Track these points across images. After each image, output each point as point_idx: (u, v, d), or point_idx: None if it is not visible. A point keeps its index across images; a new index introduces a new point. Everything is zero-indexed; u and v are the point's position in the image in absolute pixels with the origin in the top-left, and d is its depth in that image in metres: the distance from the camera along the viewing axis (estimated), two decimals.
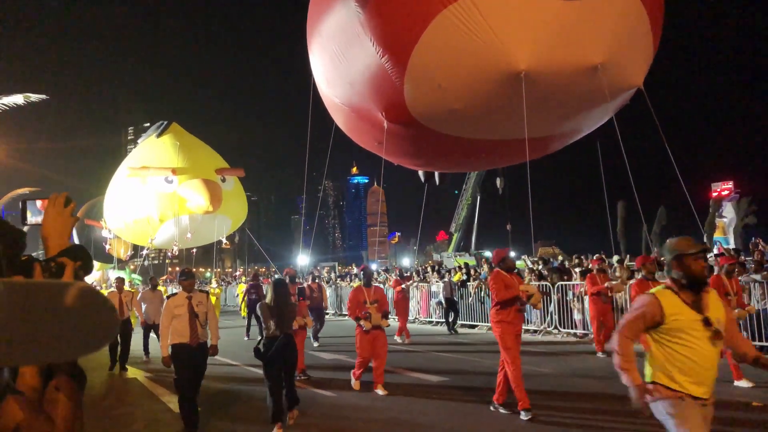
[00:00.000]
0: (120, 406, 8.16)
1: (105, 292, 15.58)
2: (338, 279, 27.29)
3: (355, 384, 8.11)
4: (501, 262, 6.95)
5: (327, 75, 10.58)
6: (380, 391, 7.77)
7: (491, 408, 6.71)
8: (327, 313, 19.98)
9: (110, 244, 27.08)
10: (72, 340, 0.89)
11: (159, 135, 19.30)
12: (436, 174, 14.03)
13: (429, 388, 8.25)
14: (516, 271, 7.28)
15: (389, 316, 8.50)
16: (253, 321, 14.76)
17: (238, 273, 41.58)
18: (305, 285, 12.04)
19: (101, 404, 8.09)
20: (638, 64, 8.89)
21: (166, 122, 19.92)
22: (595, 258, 13.39)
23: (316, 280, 15.68)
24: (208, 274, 58.34)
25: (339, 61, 9.69)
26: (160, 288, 17.79)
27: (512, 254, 10.40)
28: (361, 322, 7.86)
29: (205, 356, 6.54)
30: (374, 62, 8.87)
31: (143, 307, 12.18)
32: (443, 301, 15.97)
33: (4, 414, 1.20)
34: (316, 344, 12.93)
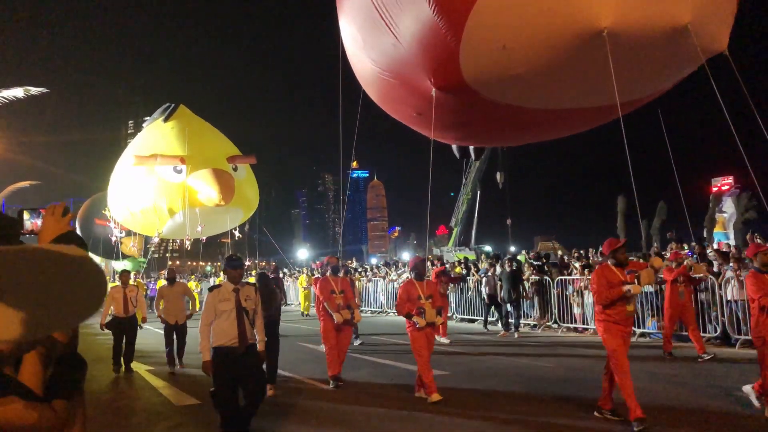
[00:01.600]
0: (120, 398, 8.18)
1: (108, 287, 15.06)
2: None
3: (432, 396, 6.92)
4: (612, 253, 5.99)
5: (363, 35, 9.33)
6: (423, 395, 7.07)
7: (596, 413, 6.01)
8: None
9: (122, 242, 26.68)
10: (67, 307, 0.89)
11: (166, 119, 17.87)
12: (471, 149, 12.80)
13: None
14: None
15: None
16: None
17: (247, 263, 41.29)
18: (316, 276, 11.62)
19: (101, 397, 8.11)
20: (722, 27, 7.91)
21: (172, 105, 18.44)
22: (673, 250, 12.24)
23: (348, 274, 14.57)
24: (208, 268, 58.43)
25: (380, 19, 8.55)
26: (182, 281, 16.63)
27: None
28: (415, 319, 7.10)
29: (257, 362, 5.53)
30: (426, 19, 7.82)
31: (160, 305, 10.50)
32: (486, 298, 14.81)
33: (5, 411, 1.21)
34: (358, 342, 12.04)
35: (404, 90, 9.49)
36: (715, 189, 43.57)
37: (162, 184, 16.26)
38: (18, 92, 22.47)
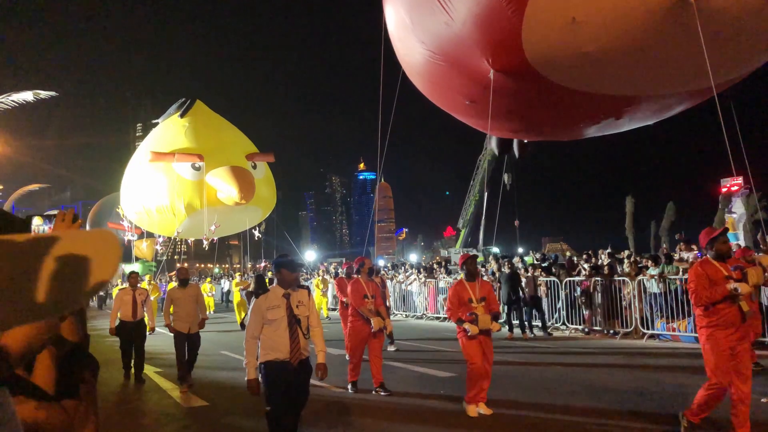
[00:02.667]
0: (129, 400, 8.21)
1: (116, 290, 14.77)
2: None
3: (470, 409, 6.31)
4: (710, 244, 5.07)
5: (413, 16, 8.41)
6: (483, 410, 6.31)
7: (680, 417, 5.26)
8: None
9: (136, 246, 26.61)
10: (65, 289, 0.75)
11: (182, 115, 17.13)
12: (515, 145, 11.61)
13: (434, 382, 8.24)
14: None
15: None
16: None
17: (263, 264, 40.87)
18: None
19: (110, 399, 8.13)
20: None
21: (188, 100, 17.73)
22: (740, 247, 11.53)
23: (380, 275, 13.00)
24: (216, 270, 58.56)
25: None
26: (196, 282, 15.72)
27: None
28: (466, 326, 6.26)
29: (307, 378, 4.77)
30: None
31: (171, 310, 8.96)
32: (525, 298, 13.88)
33: (19, 412, 1.22)
34: (392, 348, 11.23)
35: (456, 74, 8.54)
36: (724, 189, 43.24)
37: (179, 181, 15.61)
38: (28, 96, 22.59)
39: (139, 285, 10.50)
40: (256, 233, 19.00)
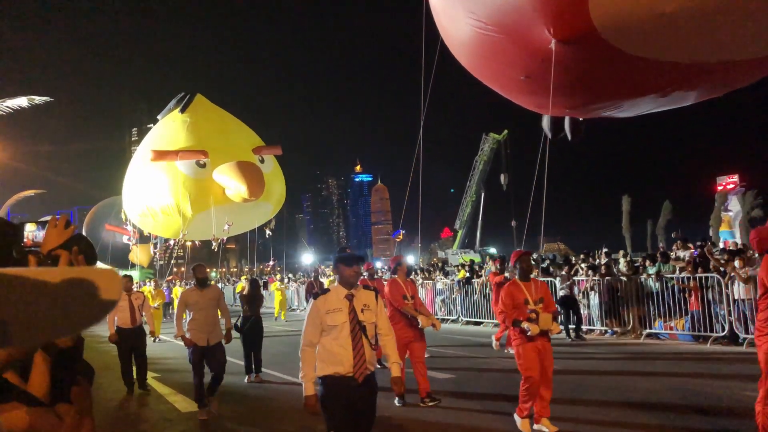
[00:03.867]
0: (127, 406, 8.18)
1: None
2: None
3: (522, 424, 5.70)
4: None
5: None
6: (546, 428, 5.66)
7: None
8: None
9: (132, 251, 26.29)
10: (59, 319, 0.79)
11: (183, 110, 16.34)
12: (567, 125, 10.79)
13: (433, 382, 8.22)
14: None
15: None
16: None
17: (271, 262, 40.43)
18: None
19: (108, 404, 8.11)
20: None
21: (188, 94, 16.92)
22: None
23: (410, 277, 11.91)
24: (213, 274, 58.39)
25: None
26: (221, 284, 14.77)
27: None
28: (525, 325, 5.58)
29: (374, 398, 4.00)
30: None
31: (187, 317, 7.35)
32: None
33: (9, 418, 1.21)
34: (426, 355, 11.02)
35: (511, 47, 7.71)
36: (720, 187, 43.43)
37: (184, 180, 14.89)
38: (22, 101, 22.54)
39: (136, 289, 9.93)
40: (267, 231, 18.08)
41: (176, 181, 14.87)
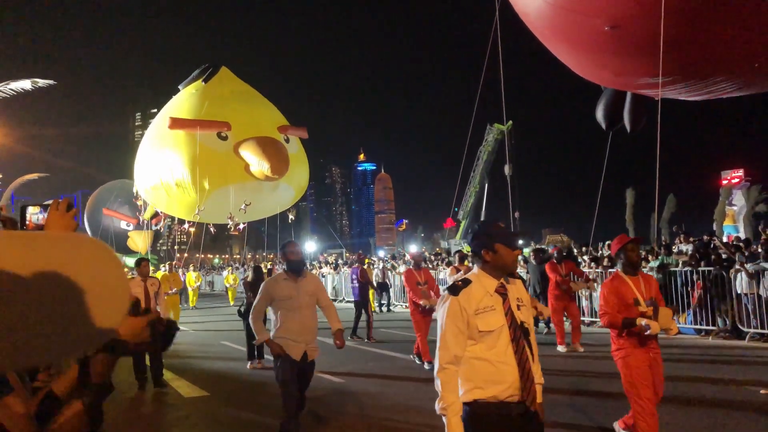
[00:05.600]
0: (130, 390, 8.21)
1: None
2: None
3: None
4: None
5: None
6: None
7: None
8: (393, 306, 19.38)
9: (130, 238, 26.19)
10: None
11: (206, 80, 15.35)
12: (627, 116, 9.64)
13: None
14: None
15: None
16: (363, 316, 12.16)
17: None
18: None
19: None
20: None
21: (212, 66, 15.87)
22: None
23: (423, 266, 10.84)
24: (216, 261, 58.54)
25: None
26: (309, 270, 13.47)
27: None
28: (643, 321, 4.32)
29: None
30: None
31: (274, 318, 5.14)
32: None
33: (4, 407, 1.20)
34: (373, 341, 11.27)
35: None
36: (725, 182, 43.27)
37: (203, 152, 13.68)
38: (26, 84, 22.45)
39: (152, 275, 9.38)
40: (290, 216, 17.07)
41: (194, 153, 13.68)
